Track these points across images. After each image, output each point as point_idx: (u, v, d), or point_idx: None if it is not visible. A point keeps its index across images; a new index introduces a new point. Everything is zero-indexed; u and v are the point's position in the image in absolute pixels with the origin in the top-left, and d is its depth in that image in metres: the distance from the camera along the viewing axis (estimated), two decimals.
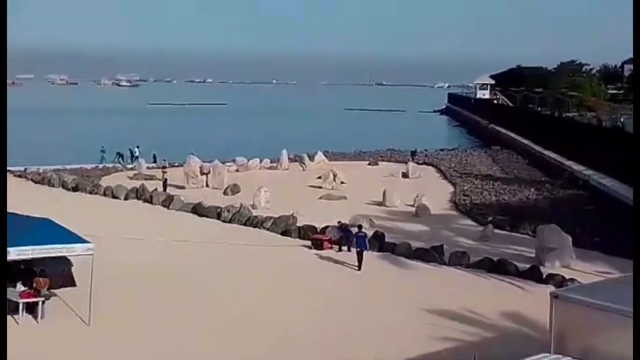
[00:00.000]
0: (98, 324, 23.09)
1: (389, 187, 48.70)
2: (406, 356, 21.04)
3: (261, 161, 64.03)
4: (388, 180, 55.00)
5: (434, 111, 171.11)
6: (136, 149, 68.58)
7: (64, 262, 26.59)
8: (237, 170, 59.25)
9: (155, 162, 64.43)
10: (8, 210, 25.60)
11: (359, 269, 30.60)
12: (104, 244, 31.63)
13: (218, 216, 40.56)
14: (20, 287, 24.29)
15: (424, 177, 59.03)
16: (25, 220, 24.91)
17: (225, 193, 48.71)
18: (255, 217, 39.58)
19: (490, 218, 40.93)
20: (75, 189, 49.83)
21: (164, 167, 53.50)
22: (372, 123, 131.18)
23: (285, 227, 37.57)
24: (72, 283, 26.83)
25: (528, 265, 30.43)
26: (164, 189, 48.35)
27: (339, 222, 35.67)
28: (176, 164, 58.61)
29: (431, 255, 32.49)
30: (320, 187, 51.57)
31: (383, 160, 70.12)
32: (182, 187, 50.25)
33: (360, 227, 33.09)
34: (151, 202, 45.12)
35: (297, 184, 53.89)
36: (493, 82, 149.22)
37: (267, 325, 23.74)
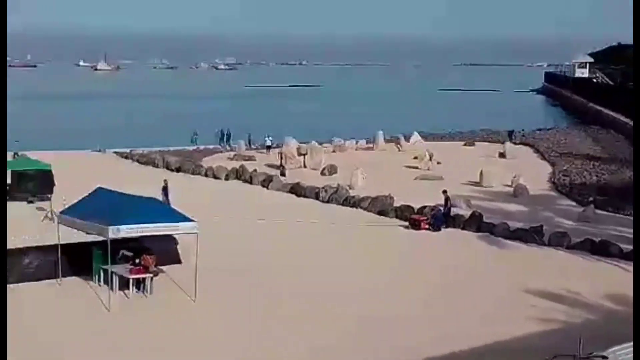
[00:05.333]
0: (203, 300, 23.89)
1: (485, 167, 48.25)
2: (510, 336, 21.04)
3: (357, 142, 64.31)
4: (485, 161, 54.44)
5: (531, 91, 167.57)
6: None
7: (170, 240, 27.66)
8: (333, 151, 59.72)
9: (250, 143, 65.21)
10: (117, 190, 26.73)
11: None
12: (207, 222, 32.66)
13: (316, 196, 41.12)
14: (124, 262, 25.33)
15: (521, 157, 58.15)
16: (133, 200, 25.78)
17: (322, 173, 49.26)
18: (353, 197, 39.97)
19: (591, 198, 40.14)
20: (178, 169, 51.33)
21: (281, 153, 53.22)
22: (467, 103, 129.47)
23: (382, 207, 37.83)
24: (178, 260, 27.86)
25: (632, 247, 29.77)
26: (282, 174, 47.88)
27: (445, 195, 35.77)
28: (274, 146, 59.61)
29: (530, 236, 32.16)
30: (416, 168, 51.53)
31: (479, 141, 69.31)
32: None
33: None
34: (251, 183, 46.10)
35: (393, 164, 53.95)
36: (592, 60, 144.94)
37: (367, 304, 24.09)
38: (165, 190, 36.48)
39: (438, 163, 52.32)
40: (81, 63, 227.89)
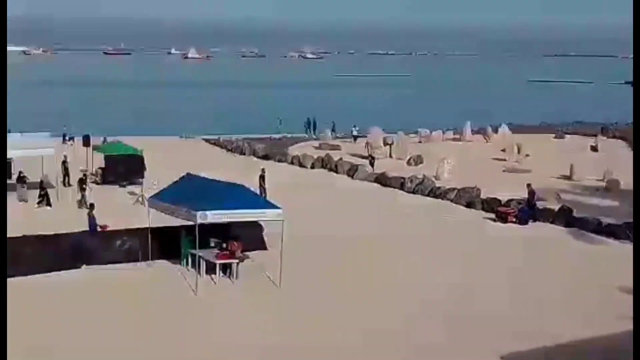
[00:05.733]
0: (287, 286, 24.12)
1: (576, 160, 47.08)
2: (601, 335, 20.55)
3: (444, 132, 63.65)
4: (575, 154, 53.12)
5: (625, 83, 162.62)
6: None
7: (256, 226, 28.00)
8: (420, 142, 59.29)
9: (333, 131, 65.22)
10: (205, 176, 27.19)
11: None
12: (292, 210, 32.91)
13: (401, 186, 40.93)
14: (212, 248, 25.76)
15: (614, 151, 56.46)
16: (221, 186, 26.12)
17: (408, 164, 48.99)
18: (439, 188, 39.62)
19: None
20: (264, 157, 51.88)
21: (367, 143, 52.99)
22: (558, 95, 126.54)
23: (468, 198, 37.39)
24: (263, 246, 28.18)
25: None
26: (372, 164, 46.90)
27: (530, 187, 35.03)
28: (361, 135, 59.56)
29: (623, 231, 31.22)
30: (504, 160, 50.70)
31: (570, 133, 67.58)
32: (366, 157, 50.99)
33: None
34: (336, 171, 46.22)
35: (481, 156, 53.22)
36: None
37: (454, 298, 23.90)
38: (262, 178, 36.86)
39: (527, 156, 51.30)
40: (172, 51, 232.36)
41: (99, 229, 27.40)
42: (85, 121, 62.36)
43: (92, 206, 28.66)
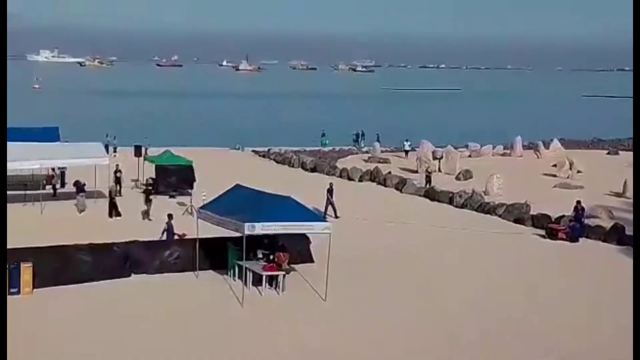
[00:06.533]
0: (333, 300, 24.09)
1: (630, 177, 46.22)
2: None
3: (494, 147, 63.15)
4: (629, 170, 52.13)
5: None
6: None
7: (303, 238, 28.06)
8: (469, 156, 58.91)
9: (378, 141, 64.99)
10: (253, 187, 27.36)
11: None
12: (340, 223, 32.98)
13: (450, 201, 40.69)
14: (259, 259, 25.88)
15: None
16: (269, 198, 26.22)
17: (457, 178, 48.69)
18: (488, 203, 39.29)
19: None
20: (313, 169, 52.06)
21: (418, 157, 52.31)
22: (613, 110, 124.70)
23: (518, 214, 37.00)
24: (310, 259, 28.23)
25: None
26: (428, 183, 44.94)
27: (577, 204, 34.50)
28: (412, 149, 59.35)
29: None
30: (555, 176, 50.06)
31: (624, 150, 66.48)
32: (415, 172, 50.84)
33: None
34: (384, 185, 46.15)
35: (531, 171, 52.63)
36: None
37: (503, 313, 23.65)
38: (330, 192, 36.89)
39: (579, 172, 50.56)
40: (224, 63, 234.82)
41: (176, 237, 27.86)
42: (137, 131, 63.19)
43: (170, 216, 28.81)
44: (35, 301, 23.31)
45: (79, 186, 36.77)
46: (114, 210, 35.48)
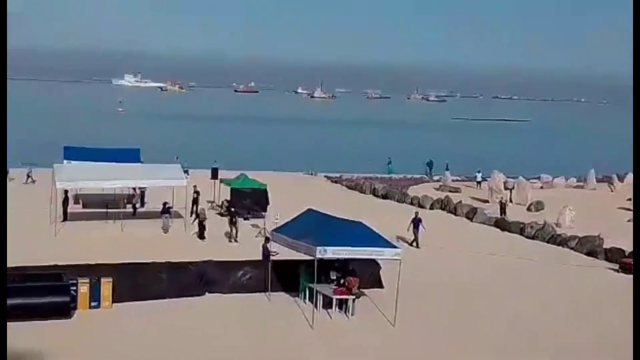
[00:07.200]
0: (402, 325, 24.33)
1: None
2: None
3: (567, 179, 62.48)
4: None
5: None
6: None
7: (374, 263, 28.44)
8: (541, 187, 58.43)
9: (446, 171, 64.93)
10: (325, 211, 27.87)
11: None
12: (410, 250, 33.26)
13: (521, 231, 40.55)
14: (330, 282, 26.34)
15: None
16: (341, 223, 26.71)
17: (528, 209, 48.43)
18: (559, 235, 39.02)
19: None
20: (384, 196, 52.48)
21: (490, 188, 52.39)
22: None
23: (590, 247, 36.66)
24: (380, 284, 28.58)
25: None
26: (503, 213, 44.98)
27: None
28: (484, 179, 59.11)
29: None
30: (630, 210, 49.25)
31: None
32: (486, 201, 50.74)
33: None
34: (455, 214, 46.22)
35: (605, 204, 51.93)
36: None
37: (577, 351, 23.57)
38: (415, 220, 36.46)
39: None
40: (299, 90, 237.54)
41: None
42: (213, 155, 64.68)
43: (267, 239, 28.93)
44: (113, 314, 24.27)
45: (165, 208, 37.84)
46: (202, 231, 36.20)
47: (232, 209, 37.35)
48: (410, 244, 35.86)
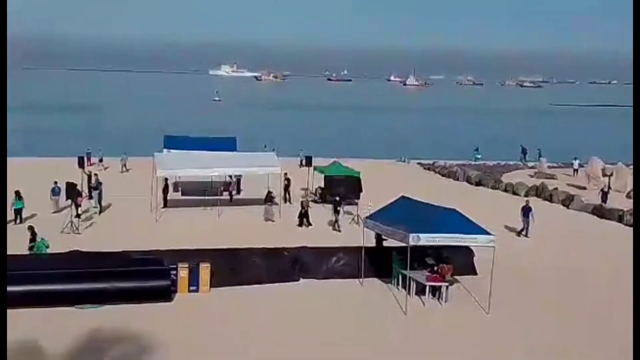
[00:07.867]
0: (496, 313, 24.23)
1: None
2: None
3: None
4: None
5: None
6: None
7: (467, 251, 28.36)
8: None
9: (540, 158, 63.78)
10: (418, 199, 27.90)
11: None
12: (505, 236, 32.94)
13: (620, 219, 39.60)
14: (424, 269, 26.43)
15: None
16: (434, 210, 26.61)
17: (628, 196, 47.15)
18: None
19: None
20: (478, 183, 52.03)
21: (588, 175, 51.23)
22: None
23: None
24: (473, 272, 28.48)
25: None
26: (604, 200, 43.67)
27: None
28: (577, 167, 57.89)
29: None
30: None
31: None
32: (583, 188, 49.66)
33: None
34: (550, 201, 45.44)
35: None
36: None
37: None
38: (525, 209, 35.87)
39: None
40: (392, 78, 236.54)
41: None
42: (307, 143, 65.40)
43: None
44: (211, 298, 25.00)
45: (268, 196, 38.42)
46: (305, 219, 36.62)
47: (337, 198, 37.16)
48: (519, 233, 35.50)
